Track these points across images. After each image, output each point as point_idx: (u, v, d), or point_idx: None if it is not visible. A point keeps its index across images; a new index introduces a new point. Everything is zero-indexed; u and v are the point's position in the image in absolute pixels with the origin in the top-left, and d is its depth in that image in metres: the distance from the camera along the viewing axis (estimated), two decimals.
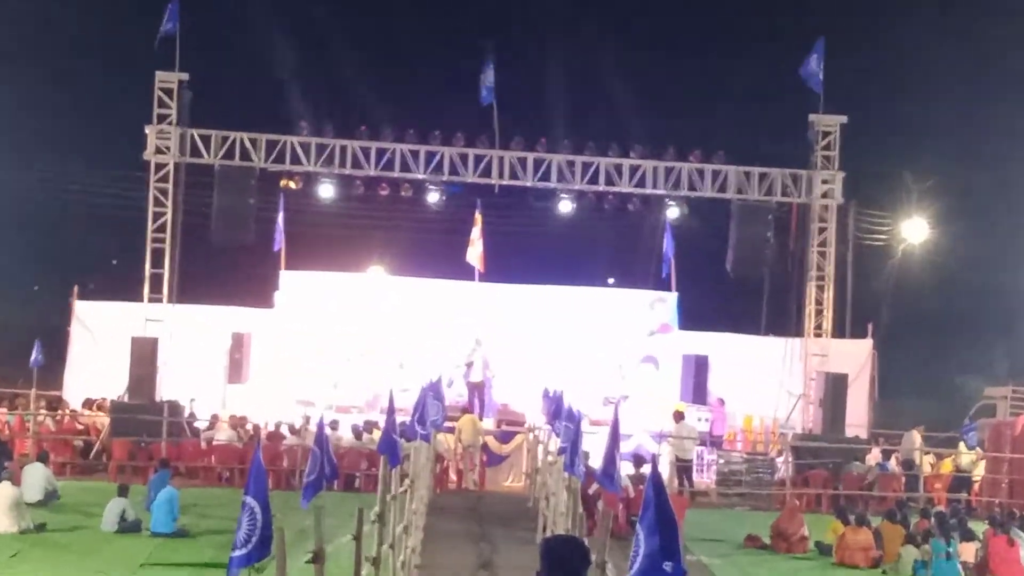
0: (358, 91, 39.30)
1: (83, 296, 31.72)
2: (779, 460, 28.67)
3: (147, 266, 30.12)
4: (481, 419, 28.62)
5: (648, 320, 32.77)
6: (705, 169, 31.30)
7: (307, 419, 27.10)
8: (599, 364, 31.71)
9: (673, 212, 31.76)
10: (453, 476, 27.21)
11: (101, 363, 29.62)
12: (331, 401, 29.92)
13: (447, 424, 22.67)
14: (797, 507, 23.77)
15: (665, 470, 24.82)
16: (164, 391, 29.14)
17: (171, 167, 30.34)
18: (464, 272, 32.37)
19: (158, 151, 30.42)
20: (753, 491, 27.46)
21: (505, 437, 28.33)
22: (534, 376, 29.17)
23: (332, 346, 31.30)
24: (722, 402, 31.25)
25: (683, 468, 26.64)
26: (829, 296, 32.19)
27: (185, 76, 30.38)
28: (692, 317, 33.59)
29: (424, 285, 32.71)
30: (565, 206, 31.51)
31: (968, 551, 19.84)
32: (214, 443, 27.17)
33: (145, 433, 26.86)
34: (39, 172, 40.45)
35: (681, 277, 33.30)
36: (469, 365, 29.91)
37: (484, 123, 30.49)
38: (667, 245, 33.13)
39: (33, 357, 29.27)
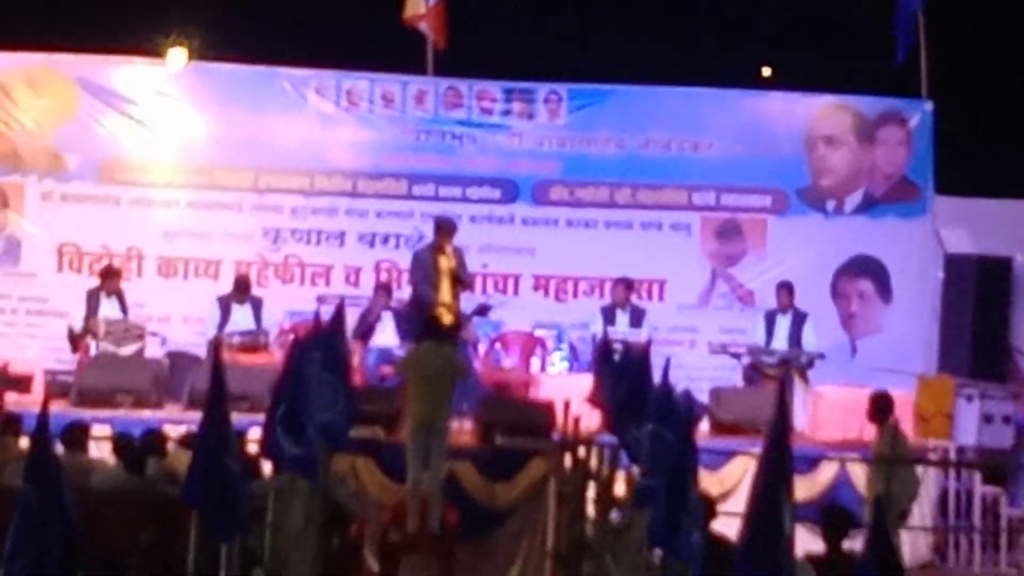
0: None
1: None
2: None
3: None
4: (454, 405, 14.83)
5: (861, 169, 19.45)
6: None
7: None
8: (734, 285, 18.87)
9: None
10: (372, 562, 15.16)
11: None
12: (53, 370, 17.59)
13: (361, 432, 12.90)
14: None
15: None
16: None
17: None
18: (399, 52, 19.08)
19: None
20: None
21: (502, 466, 16.00)
22: (566, 308, 18.70)
23: (46, 244, 18.90)
24: None
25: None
26: None
27: None
28: (970, 161, 20.05)
29: (289, 85, 19.22)
30: None
31: None
32: None
33: None
34: None
35: (942, 64, 18.91)
36: (412, 287, 17.20)
37: None
38: None
39: None
